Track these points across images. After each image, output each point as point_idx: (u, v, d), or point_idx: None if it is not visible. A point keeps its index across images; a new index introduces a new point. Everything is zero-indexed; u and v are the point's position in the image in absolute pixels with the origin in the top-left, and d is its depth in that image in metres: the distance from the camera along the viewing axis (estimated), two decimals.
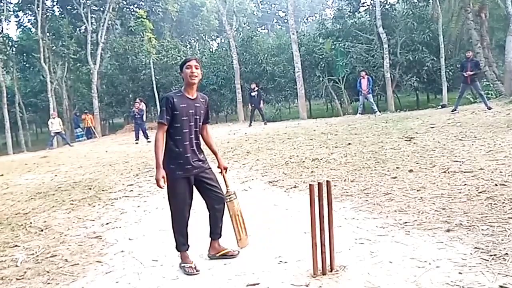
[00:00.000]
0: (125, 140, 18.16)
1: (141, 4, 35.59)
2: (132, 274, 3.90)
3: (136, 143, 16.80)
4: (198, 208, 5.46)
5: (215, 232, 4.10)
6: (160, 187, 3.69)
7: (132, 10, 34.13)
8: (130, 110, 18.22)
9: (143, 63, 27.07)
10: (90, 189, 8.15)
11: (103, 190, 7.93)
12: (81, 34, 31.05)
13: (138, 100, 19.48)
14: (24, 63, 33.78)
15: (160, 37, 32.20)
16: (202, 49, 33.55)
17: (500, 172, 5.86)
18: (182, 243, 3.94)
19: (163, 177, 3.66)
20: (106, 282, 3.78)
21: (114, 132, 26.93)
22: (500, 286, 2.90)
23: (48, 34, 28.52)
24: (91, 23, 28.46)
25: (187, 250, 3.96)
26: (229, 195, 4.10)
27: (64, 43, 28.39)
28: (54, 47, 28.91)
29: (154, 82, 25.20)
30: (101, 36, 27.51)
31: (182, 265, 3.87)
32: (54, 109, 25.38)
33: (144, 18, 25.64)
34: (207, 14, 44.67)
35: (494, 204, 4.58)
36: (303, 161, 8.52)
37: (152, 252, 4.39)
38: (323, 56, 23.15)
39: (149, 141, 16.60)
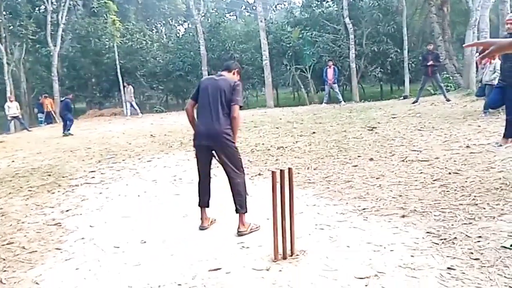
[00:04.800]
0: (87, 125, 17.86)
1: None
2: (93, 261, 3.87)
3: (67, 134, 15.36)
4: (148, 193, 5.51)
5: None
6: None
7: None
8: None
9: (107, 47, 26.38)
10: (49, 175, 7.97)
11: (63, 177, 7.76)
12: (40, 14, 29.48)
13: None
14: None
15: (124, 20, 31.38)
16: (168, 34, 33.20)
17: (454, 161, 6.10)
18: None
19: None
20: (65, 269, 3.74)
21: (76, 117, 26.34)
22: (448, 268, 3.04)
23: (4, 12, 27.10)
24: (51, 2, 27.29)
25: (202, 207, 4.54)
26: None
27: (22, 22, 27.00)
28: (11, 27, 27.48)
29: (118, 67, 24.65)
30: (61, 17, 26.36)
31: None
32: (11, 92, 24.37)
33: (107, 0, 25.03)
34: None
35: (447, 191, 4.78)
36: (269, 149, 8.62)
37: (114, 239, 4.36)
38: (291, 44, 23.29)
39: (66, 134, 15.08)
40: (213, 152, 4.33)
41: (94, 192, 6.54)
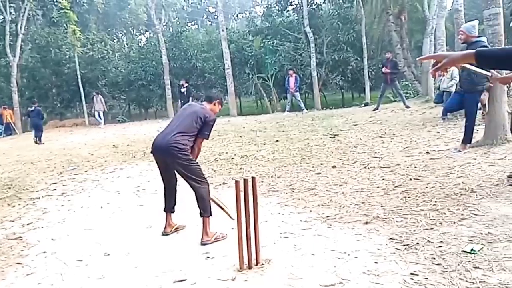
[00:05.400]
0: (48, 136, 17.43)
1: None
2: (55, 275, 3.80)
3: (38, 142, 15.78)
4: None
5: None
6: None
7: (55, 0, 32.58)
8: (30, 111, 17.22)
9: (67, 57, 25.91)
10: (9, 188, 7.77)
11: (24, 189, 7.58)
12: None
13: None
14: None
15: (85, 30, 30.95)
16: (130, 43, 32.75)
17: (415, 167, 6.25)
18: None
19: None
20: (27, 284, 3.65)
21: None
22: (411, 273, 3.10)
23: None
24: (10, 12, 26.63)
25: (167, 213, 4.64)
26: None
27: None
28: None
29: (79, 77, 24.29)
30: (21, 27, 25.65)
31: None
32: None
33: (67, 9, 24.42)
34: (135, 7, 43.65)
35: (408, 197, 4.89)
36: (232, 158, 8.62)
37: (77, 252, 4.29)
38: (253, 53, 23.40)
39: (37, 143, 15.57)
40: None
41: (56, 205, 6.41)
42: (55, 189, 7.48)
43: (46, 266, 4.04)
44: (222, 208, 4.64)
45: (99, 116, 22.35)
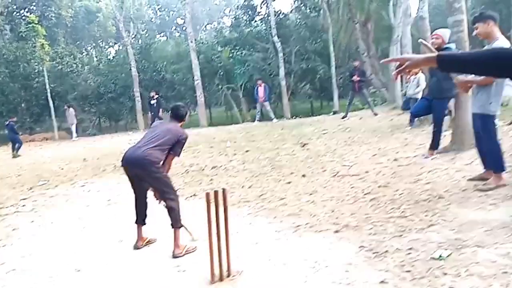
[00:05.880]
0: (18, 151, 17.05)
1: (32, 9, 33.52)
2: None
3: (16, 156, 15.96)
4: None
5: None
6: None
7: (22, 14, 32.02)
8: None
9: (36, 71, 25.52)
10: None
11: None
12: None
13: None
14: None
15: (54, 44, 30.48)
16: (99, 56, 32.38)
17: (383, 174, 6.35)
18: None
19: None
20: None
21: (6, 143, 25.19)
22: (381, 282, 3.14)
23: None
24: None
25: (138, 224, 4.62)
26: None
27: None
28: None
29: (48, 91, 23.98)
30: None
31: None
32: None
33: (35, 23, 24.28)
34: (103, 20, 43.16)
35: (378, 205, 4.95)
36: (203, 169, 8.61)
37: (47, 269, 4.22)
38: (222, 64, 23.46)
39: (15, 156, 15.88)
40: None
41: (26, 221, 6.28)
42: (25, 205, 7.32)
43: (17, 283, 3.97)
44: (185, 228, 4.62)
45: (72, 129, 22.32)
